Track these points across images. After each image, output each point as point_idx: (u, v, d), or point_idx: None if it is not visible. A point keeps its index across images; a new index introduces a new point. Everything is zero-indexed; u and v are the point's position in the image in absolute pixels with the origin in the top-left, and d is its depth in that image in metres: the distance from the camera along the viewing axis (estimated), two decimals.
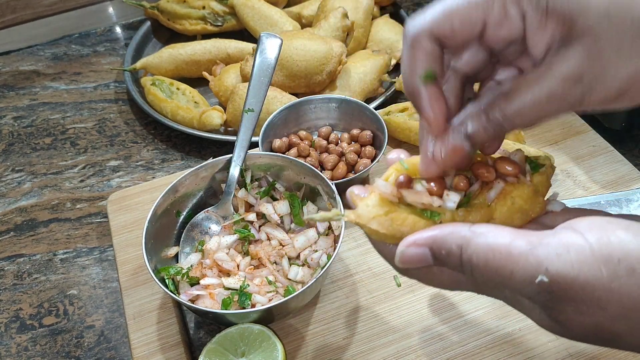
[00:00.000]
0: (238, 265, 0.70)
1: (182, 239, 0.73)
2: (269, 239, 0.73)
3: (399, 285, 0.71)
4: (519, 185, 0.48)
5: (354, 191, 0.48)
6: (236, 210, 0.75)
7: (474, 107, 0.41)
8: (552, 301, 0.34)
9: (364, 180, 0.83)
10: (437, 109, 0.41)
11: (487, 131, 0.40)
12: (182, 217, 0.74)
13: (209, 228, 0.75)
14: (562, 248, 0.34)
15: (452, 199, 0.45)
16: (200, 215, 0.75)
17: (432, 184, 0.46)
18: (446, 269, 0.40)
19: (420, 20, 0.40)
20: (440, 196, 0.46)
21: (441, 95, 0.41)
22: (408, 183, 0.47)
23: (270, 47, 0.78)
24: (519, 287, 0.35)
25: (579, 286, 0.33)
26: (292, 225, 0.74)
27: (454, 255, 0.37)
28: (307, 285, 0.62)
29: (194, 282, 0.68)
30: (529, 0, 0.37)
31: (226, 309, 0.64)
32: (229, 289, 0.66)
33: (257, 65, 0.77)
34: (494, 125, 0.39)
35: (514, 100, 0.38)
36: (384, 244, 0.45)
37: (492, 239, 0.36)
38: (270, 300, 0.66)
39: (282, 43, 0.79)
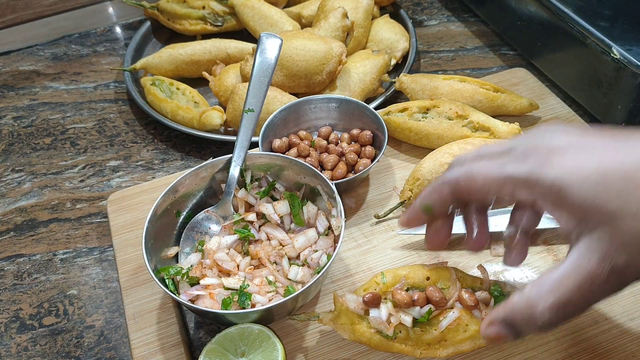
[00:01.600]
0: (238, 266, 0.70)
1: (182, 239, 0.73)
2: (269, 239, 0.73)
3: None
4: (474, 317, 0.59)
5: (345, 296, 0.61)
6: (236, 210, 0.75)
7: (519, 299, 0.49)
8: None
9: (363, 181, 0.83)
10: (413, 223, 0.58)
11: (534, 323, 0.47)
12: (182, 217, 0.74)
13: (209, 228, 0.75)
14: None
15: (408, 319, 0.58)
16: (200, 215, 0.75)
17: (400, 293, 0.59)
18: None
19: (455, 172, 0.53)
20: (410, 304, 0.59)
21: (418, 220, 0.57)
22: (374, 302, 0.59)
23: (270, 47, 0.78)
24: None
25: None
26: (292, 225, 0.74)
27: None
28: (307, 285, 0.62)
29: (194, 282, 0.68)
30: (537, 191, 0.46)
31: (226, 309, 0.64)
32: (229, 289, 0.66)
33: (257, 66, 0.77)
34: (539, 317, 0.47)
35: (559, 289, 0.46)
36: None
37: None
38: (270, 300, 0.66)
39: (282, 43, 0.79)
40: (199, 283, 0.67)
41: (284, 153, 0.81)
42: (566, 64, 0.94)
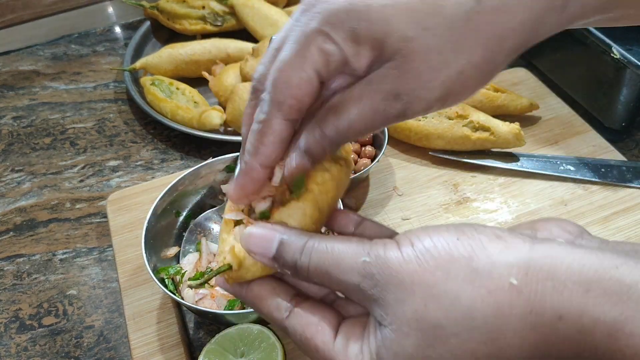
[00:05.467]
0: None
1: (184, 239, 0.73)
2: None
3: None
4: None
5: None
6: None
7: (310, 125, 0.42)
8: (376, 288, 0.36)
9: (363, 181, 0.83)
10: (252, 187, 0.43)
11: (323, 144, 0.41)
12: (182, 217, 0.74)
13: (212, 229, 0.74)
14: (382, 241, 0.37)
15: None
16: (204, 215, 0.75)
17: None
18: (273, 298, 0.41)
19: (269, 106, 0.41)
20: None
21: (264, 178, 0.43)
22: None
23: None
24: (346, 276, 0.37)
25: (395, 267, 0.35)
26: None
27: (297, 245, 0.39)
28: None
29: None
30: (338, 35, 0.38)
31: (232, 309, 0.64)
32: (226, 294, 0.66)
33: None
34: (328, 138, 0.41)
35: (343, 116, 0.40)
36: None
37: (330, 243, 0.38)
38: None
39: None
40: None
41: None
42: (566, 64, 0.94)
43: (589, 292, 0.32)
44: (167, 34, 1.16)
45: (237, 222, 0.44)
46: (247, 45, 1.03)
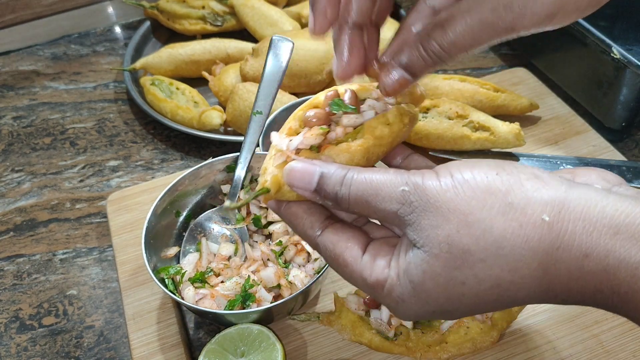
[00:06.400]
0: (239, 267, 0.70)
1: (185, 239, 0.73)
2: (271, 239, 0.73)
3: None
4: (476, 320, 0.56)
5: (346, 297, 0.58)
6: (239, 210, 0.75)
7: (409, 36, 0.44)
8: (413, 214, 0.37)
9: None
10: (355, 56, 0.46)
11: (426, 61, 0.42)
12: (182, 217, 0.74)
13: (212, 229, 0.74)
14: (420, 172, 0.39)
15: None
16: (204, 215, 0.75)
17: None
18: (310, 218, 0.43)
19: None
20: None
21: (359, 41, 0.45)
22: (375, 302, 0.56)
23: (282, 51, 0.77)
24: (385, 204, 0.38)
25: (432, 195, 0.37)
26: None
27: (337, 177, 0.40)
28: (306, 285, 0.62)
29: (195, 280, 0.68)
30: None
31: (232, 309, 0.64)
32: (226, 295, 0.66)
33: (269, 69, 0.76)
34: (431, 55, 0.42)
35: (449, 32, 0.40)
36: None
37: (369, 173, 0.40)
38: (273, 297, 0.66)
39: (293, 46, 0.78)
40: (200, 281, 0.67)
41: None
42: (566, 64, 0.94)
43: (618, 234, 0.33)
44: (167, 34, 1.16)
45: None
46: (247, 45, 1.03)
